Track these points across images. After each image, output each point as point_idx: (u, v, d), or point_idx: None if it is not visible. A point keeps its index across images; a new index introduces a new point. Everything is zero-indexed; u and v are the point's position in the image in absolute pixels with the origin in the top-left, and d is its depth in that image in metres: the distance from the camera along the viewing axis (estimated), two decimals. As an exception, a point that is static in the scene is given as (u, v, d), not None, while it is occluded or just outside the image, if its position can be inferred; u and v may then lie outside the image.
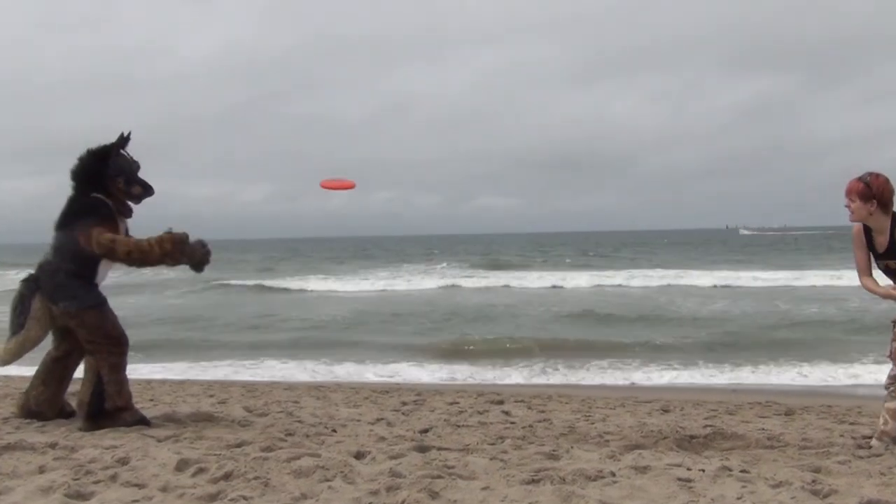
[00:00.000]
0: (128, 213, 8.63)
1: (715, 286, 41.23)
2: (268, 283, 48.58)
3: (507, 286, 44.04)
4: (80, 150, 8.51)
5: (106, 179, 8.39)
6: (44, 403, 8.63)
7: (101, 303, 8.36)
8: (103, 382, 8.25)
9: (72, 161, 8.46)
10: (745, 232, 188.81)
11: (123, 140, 8.54)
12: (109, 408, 8.27)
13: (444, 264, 70.93)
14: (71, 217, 8.34)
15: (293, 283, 47.26)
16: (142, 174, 8.57)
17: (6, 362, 8.41)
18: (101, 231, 8.21)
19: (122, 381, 8.37)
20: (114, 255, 8.23)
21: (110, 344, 8.31)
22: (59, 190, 8.57)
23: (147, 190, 8.62)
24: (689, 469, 6.38)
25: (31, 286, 8.36)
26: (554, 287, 43.13)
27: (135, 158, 8.63)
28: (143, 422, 8.41)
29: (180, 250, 8.30)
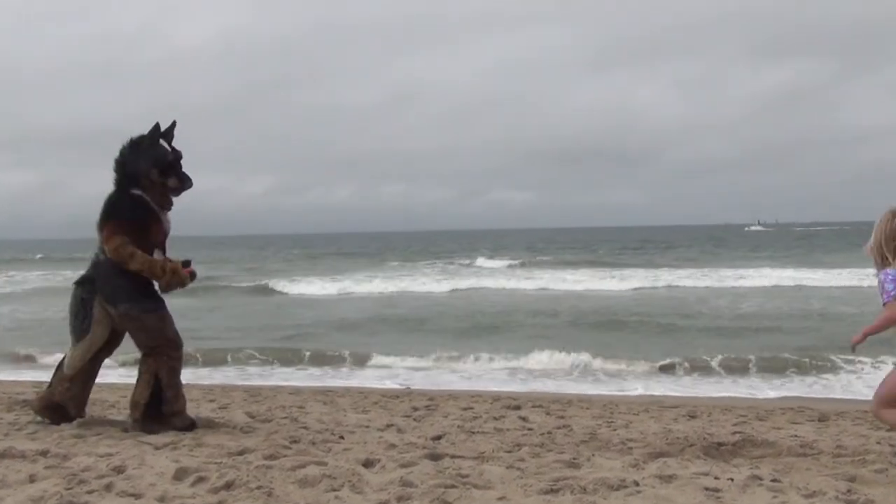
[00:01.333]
0: (168, 205, 8.78)
1: (745, 286, 41.05)
2: (271, 284, 48.14)
3: (530, 288, 43.40)
4: (67, 141, 8.61)
5: (140, 171, 8.55)
6: (70, 401, 8.72)
7: (160, 305, 8.59)
8: (161, 385, 8.44)
9: (63, 152, 8.58)
10: (755, 228, 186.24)
11: (158, 129, 8.67)
12: (166, 412, 8.46)
13: (463, 262, 70.53)
14: (108, 214, 8.50)
15: (299, 286, 46.61)
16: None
17: (76, 369, 8.59)
18: (124, 242, 8.38)
19: (178, 386, 8.59)
20: (126, 266, 8.42)
21: (170, 347, 8.52)
22: (46, 184, 8.67)
23: (184, 182, 8.78)
24: (716, 478, 6.35)
25: (89, 289, 8.53)
26: (585, 289, 42.26)
27: (176, 148, 8.77)
28: (194, 426, 8.58)
29: (180, 283, 8.60)
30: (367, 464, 6.88)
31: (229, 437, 8.18)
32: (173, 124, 8.76)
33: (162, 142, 8.68)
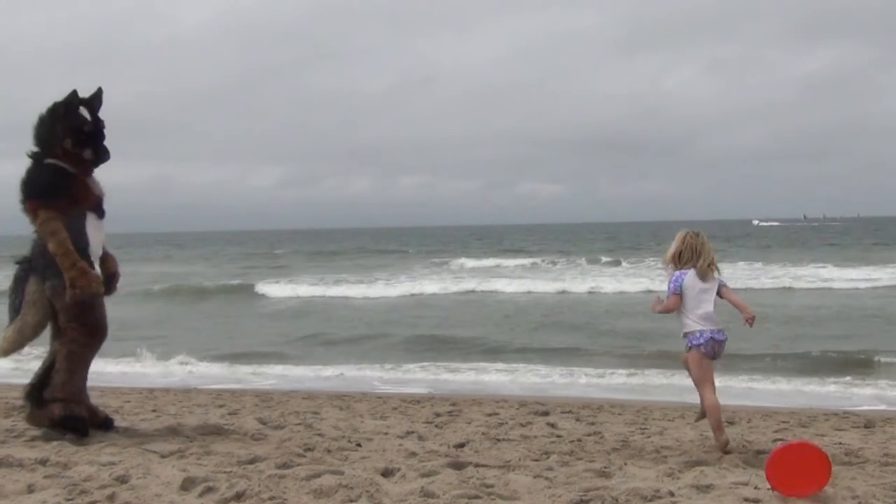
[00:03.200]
0: (88, 173, 8.63)
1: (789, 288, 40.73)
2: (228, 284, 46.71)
3: (591, 292, 42.05)
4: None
5: (54, 139, 8.40)
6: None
7: None
8: (54, 368, 8.33)
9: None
10: (760, 224, 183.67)
11: (76, 96, 8.50)
12: (47, 397, 8.30)
13: (442, 262, 69.30)
14: (28, 191, 8.37)
15: (258, 289, 44.60)
16: (132, 150, 8.58)
17: (6, 352, 8.47)
18: (48, 217, 8.21)
19: (72, 373, 8.36)
20: (47, 242, 8.20)
21: (80, 333, 8.35)
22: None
23: (99, 156, 8.61)
24: (756, 488, 6.34)
25: (25, 267, 8.44)
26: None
27: (99, 118, 8.63)
28: (74, 422, 8.32)
29: (83, 289, 8.21)
30: (386, 473, 6.88)
31: (239, 445, 8.19)
32: (98, 92, 8.62)
33: (82, 110, 8.52)
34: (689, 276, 8.31)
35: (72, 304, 8.21)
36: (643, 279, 43.50)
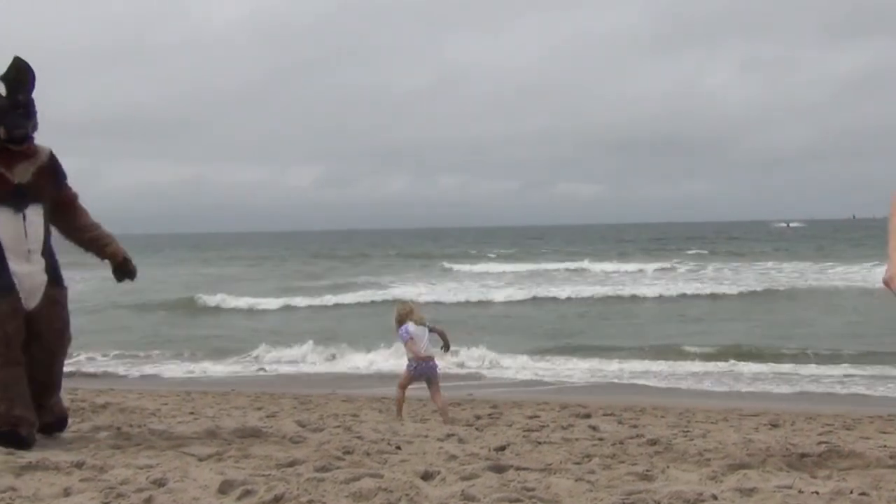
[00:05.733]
0: (5, 158, 8.03)
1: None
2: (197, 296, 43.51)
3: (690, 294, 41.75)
4: (89, 128, 8.34)
5: None
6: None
7: None
8: None
9: (85, 140, 8.31)
10: (782, 225, 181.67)
11: None
12: None
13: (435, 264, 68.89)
14: None
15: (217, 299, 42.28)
16: (165, 151, 8.30)
17: None
18: None
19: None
20: None
21: None
22: (69, 175, 8.30)
23: (10, 132, 7.94)
24: (800, 492, 6.28)
25: None
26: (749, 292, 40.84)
27: (20, 93, 8.12)
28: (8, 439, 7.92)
29: None
30: (426, 476, 6.86)
31: (278, 448, 8.19)
32: (14, 62, 8.12)
33: None
34: (411, 326, 11.69)
35: None
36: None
